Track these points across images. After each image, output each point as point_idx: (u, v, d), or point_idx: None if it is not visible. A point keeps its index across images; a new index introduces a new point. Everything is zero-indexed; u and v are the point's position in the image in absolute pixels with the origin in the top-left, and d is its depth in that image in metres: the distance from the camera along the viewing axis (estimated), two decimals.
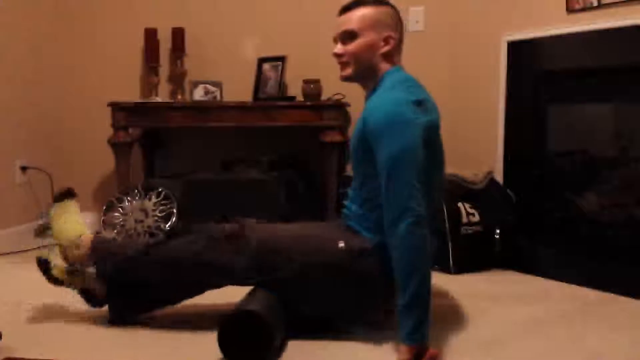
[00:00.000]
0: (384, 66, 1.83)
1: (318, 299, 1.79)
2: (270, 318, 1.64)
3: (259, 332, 1.61)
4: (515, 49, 2.78)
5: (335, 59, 1.87)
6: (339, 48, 1.84)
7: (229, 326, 1.62)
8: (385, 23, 1.83)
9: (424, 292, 1.59)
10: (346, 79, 1.88)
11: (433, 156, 1.76)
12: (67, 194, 2.08)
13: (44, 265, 1.93)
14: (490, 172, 2.77)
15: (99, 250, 1.93)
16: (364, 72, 1.84)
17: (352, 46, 1.81)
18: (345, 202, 1.94)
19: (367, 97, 1.88)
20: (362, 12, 1.81)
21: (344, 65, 1.85)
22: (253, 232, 1.83)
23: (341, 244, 1.77)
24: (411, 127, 1.66)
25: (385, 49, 1.82)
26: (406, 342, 1.57)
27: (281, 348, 1.71)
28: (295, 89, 3.31)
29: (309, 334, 1.78)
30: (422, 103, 1.73)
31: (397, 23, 1.86)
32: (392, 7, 1.88)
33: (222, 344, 1.61)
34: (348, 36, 1.82)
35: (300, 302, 1.80)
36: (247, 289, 1.81)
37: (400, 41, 1.86)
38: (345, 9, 1.84)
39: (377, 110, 1.71)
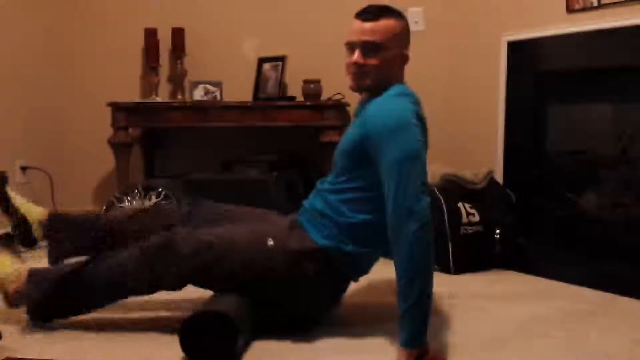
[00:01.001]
0: (394, 81, 1.79)
1: (262, 299, 1.77)
2: (234, 318, 1.63)
3: (222, 333, 1.60)
4: (515, 49, 2.78)
5: (349, 67, 1.76)
6: (359, 57, 1.73)
7: (192, 327, 1.61)
8: (405, 39, 1.80)
9: (426, 298, 1.58)
10: (357, 89, 1.80)
11: None
12: None
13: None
14: (490, 172, 2.77)
15: (35, 276, 1.87)
16: (377, 86, 1.77)
17: (375, 60, 1.72)
18: (310, 195, 1.90)
19: (363, 102, 1.85)
20: (387, 25, 1.73)
21: (361, 75, 1.75)
22: (185, 242, 1.78)
23: (270, 242, 1.76)
24: (417, 132, 1.66)
25: (401, 67, 1.80)
26: (407, 346, 1.57)
27: (246, 348, 1.70)
28: (295, 89, 3.31)
29: (281, 334, 1.78)
30: (422, 119, 1.73)
31: (409, 37, 1.83)
32: (406, 19, 1.83)
33: (185, 345, 1.61)
34: (371, 48, 1.72)
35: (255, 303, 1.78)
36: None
37: None
38: (368, 17, 1.74)
39: (385, 114, 1.68)
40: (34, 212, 2.03)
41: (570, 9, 2.57)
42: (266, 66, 3.37)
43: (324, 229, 1.77)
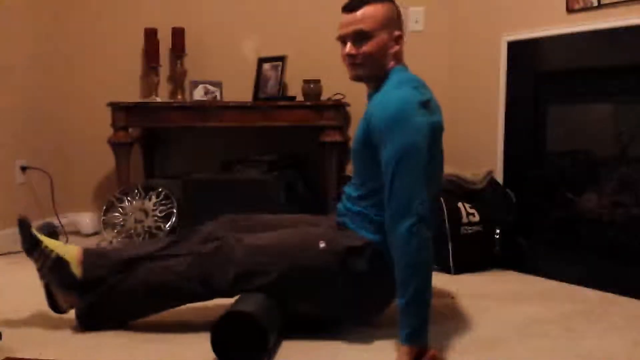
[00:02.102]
0: (392, 65, 1.80)
1: (310, 301, 1.78)
2: (264, 319, 1.63)
3: (252, 333, 1.61)
4: (515, 49, 2.78)
5: (345, 60, 1.80)
6: (351, 48, 1.77)
7: (222, 327, 1.61)
8: (395, 21, 1.80)
9: (424, 294, 1.58)
10: (357, 78, 1.83)
11: (435, 158, 1.74)
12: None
13: (24, 223, 1.89)
14: (490, 172, 2.77)
15: (90, 254, 1.88)
16: (376, 72, 1.80)
17: (366, 47, 1.75)
18: (342, 199, 1.92)
19: (370, 96, 1.86)
20: (372, 11, 1.75)
21: (355, 66, 1.79)
22: (238, 243, 1.81)
23: (322, 244, 1.76)
24: (417, 126, 1.64)
25: (396, 48, 1.80)
26: (406, 343, 1.57)
27: (275, 348, 1.70)
28: (295, 89, 3.31)
29: (307, 334, 1.78)
30: (428, 103, 1.71)
31: (401, 20, 1.84)
32: (394, 2, 1.84)
33: (216, 345, 1.61)
34: (360, 37, 1.75)
35: (296, 305, 1.79)
36: None
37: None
38: (351, 8, 1.78)
39: (383, 107, 1.69)
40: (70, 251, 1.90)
41: (570, 9, 2.57)
42: (266, 66, 3.37)
43: (370, 226, 1.77)
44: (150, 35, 3.35)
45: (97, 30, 3.51)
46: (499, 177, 2.84)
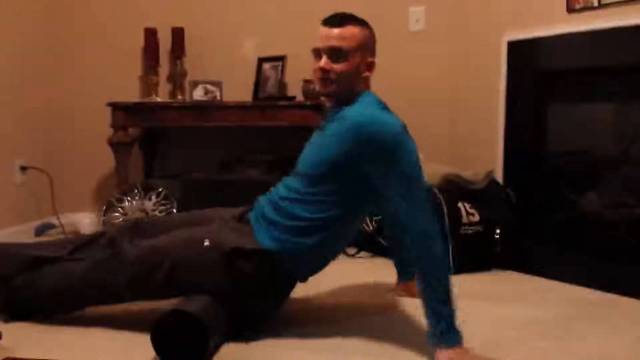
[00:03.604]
0: (360, 89, 1.82)
1: (217, 294, 1.76)
2: (205, 318, 1.63)
3: (193, 333, 1.61)
4: (515, 48, 2.78)
5: (316, 73, 1.81)
6: (326, 63, 1.78)
7: (162, 327, 1.61)
8: (370, 47, 1.83)
9: (445, 290, 1.62)
10: (327, 95, 1.85)
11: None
12: None
13: None
14: (490, 172, 2.77)
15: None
16: (344, 93, 1.81)
17: (341, 66, 1.77)
18: (262, 200, 1.92)
19: (331, 111, 1.87)
20: (353, 32, 1.78)
21: (327, 82, 1.80)
22: (133, 248, 1.83)
23: (206, 243, 1.77)
24: (413, 148, 1.69)
25: (367, 74, 1.82)
26: (440, 345, 1.60)
27: (217, 349, 1.70)
28: (295, 89, 3.31)
29: (251, 336, 1.78)
30: (406, 127, 1.74)
31: (375, 48, 1.86)
32: (372, 29, 1.86)
33: (156, 344, 1.61)
34: (336, 54, 1.77)
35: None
36: None
37: None
38: (334, 23, 1.80)
39: (378, 127, 1.68)
40: None
41: (570, 9, 2.57)
42: (266, 66, 3.36)
43: (273, 232, 1.79)
44: (150, 35, 3.35)
45: (97, 30, 3.50)
46: (499, 177, 2.84)
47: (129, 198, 3.10)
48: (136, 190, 3.11)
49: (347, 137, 1.72)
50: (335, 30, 1.78)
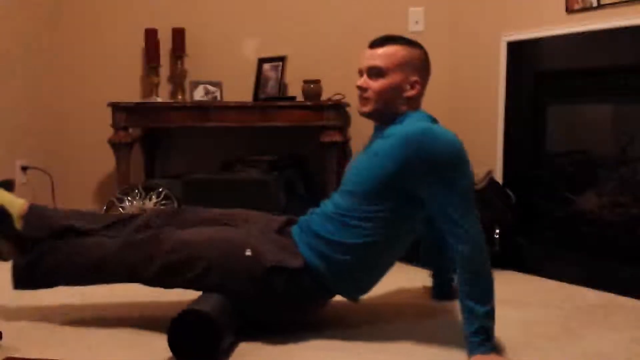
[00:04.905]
0: (404, 109, 1.80)
1: (242, 302, 1.77)
2: (219, 318, 1.63)
3: (207, 332, 1.61)
4: (515, 48, 2.78)
5: (357, 90, 1.82)
6: (363, 81, 1.79)
7: (177, 326, 1.62)
8: (414, 66, 1.80)
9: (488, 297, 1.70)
10: (364, 114, 1.83)
11: None
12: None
13: None
14: (490, 172, 2.77)
15: (34, 212, 1.94)
16: (384, 112, 1.80)
17: (377, 84, 1.77)
18: (313, 210, 1.89)
19: (377, 130, 1.86)
20: (392, 51, 1.77)
21: (365, 100, 1.80)
22: (168, 237, 1.82)
23: (248, 252, 1.75)
24: (470, 166, 1.73)
25: (410, 93, 1.79)
26: (478, 351, 1.62)
27: (232, 349, 1.70)
28: (295, 89, 3.31)
29: (265, 336, 1.78)
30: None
31: (426, 67, 1.84)
32: (423, 50, 1.84)
33: (172, 343, 1.61)
34: (374, 72, 1.77)
35: (237, 305, 1.78)
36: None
37: (425, 86, 1.84)
38: (375, 44, 1.80)
39: (443, 143, 1.67)
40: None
41: (570, 9, 2.57)
42: (266, 66, 3.37)
43: (319, 247, 1.77)
44: (151, 36, 3.35)
45: (97, 30, 3.51)
46: (499, 177, 2.84)
47: (129, 198, 3.10)
48: (137, 191, 3.11)
49: (398, 152, 1.69)
50: (374, 50, 1.79)
